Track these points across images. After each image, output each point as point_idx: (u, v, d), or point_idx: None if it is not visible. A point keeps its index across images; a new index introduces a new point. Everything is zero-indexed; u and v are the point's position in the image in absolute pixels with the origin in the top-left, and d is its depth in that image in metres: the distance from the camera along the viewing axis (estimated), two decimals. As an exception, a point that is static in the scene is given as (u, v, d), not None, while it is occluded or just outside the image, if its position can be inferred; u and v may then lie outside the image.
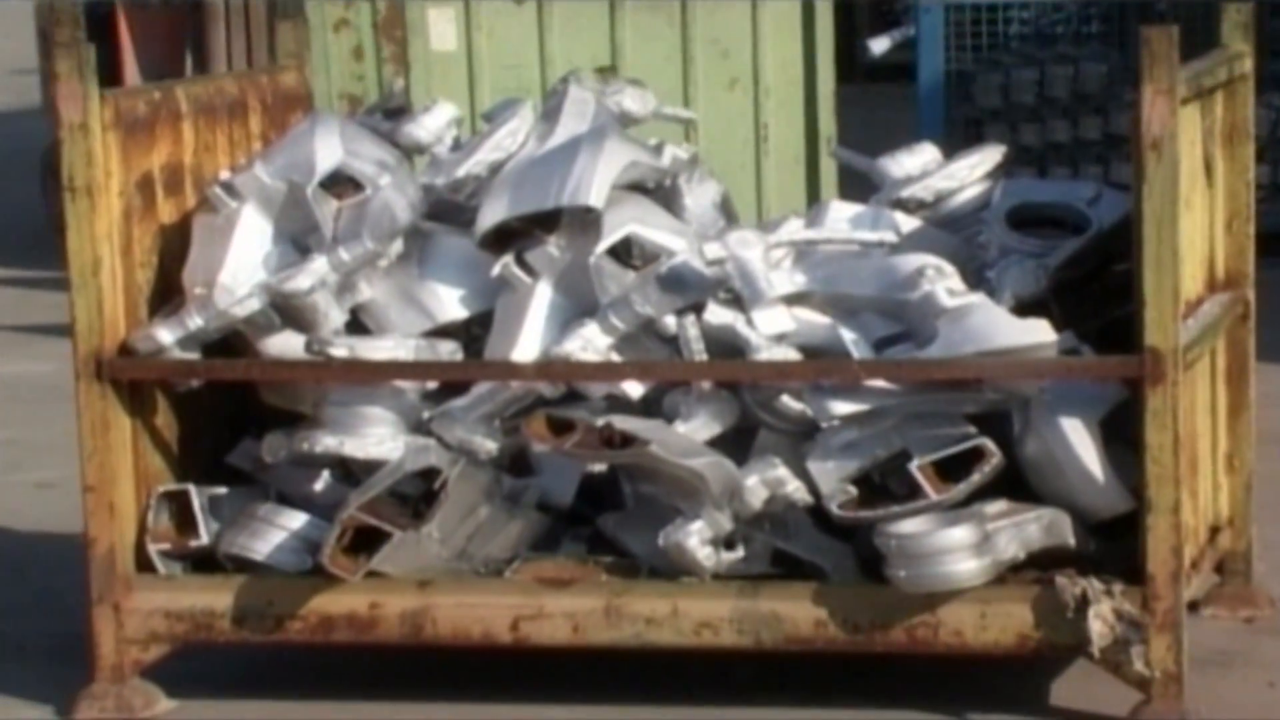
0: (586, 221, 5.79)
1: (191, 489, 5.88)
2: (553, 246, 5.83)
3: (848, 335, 5.65)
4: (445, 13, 9.34)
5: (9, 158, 14.34)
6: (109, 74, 8.06)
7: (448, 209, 6.06)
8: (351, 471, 5.78)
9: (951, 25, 11.61)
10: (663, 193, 6.04)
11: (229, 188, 6.03)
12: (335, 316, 5.82)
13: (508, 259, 5.84)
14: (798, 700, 5.70)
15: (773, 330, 5.65)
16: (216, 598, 5.77)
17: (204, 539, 5.82)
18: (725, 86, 9.27)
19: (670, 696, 5.71)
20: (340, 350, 5.77)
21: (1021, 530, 5.51)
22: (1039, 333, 5.53)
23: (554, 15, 9.35)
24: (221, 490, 5.94)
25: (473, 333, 5.88)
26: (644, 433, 5.57)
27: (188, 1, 10.17)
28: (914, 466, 5.48)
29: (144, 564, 5.81)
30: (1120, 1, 11.55)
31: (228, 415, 6.07)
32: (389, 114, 6.52)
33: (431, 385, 5.84)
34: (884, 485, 5.55)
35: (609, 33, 9.30)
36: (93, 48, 5.91)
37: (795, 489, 5.58)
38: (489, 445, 5.74)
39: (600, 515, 5.82)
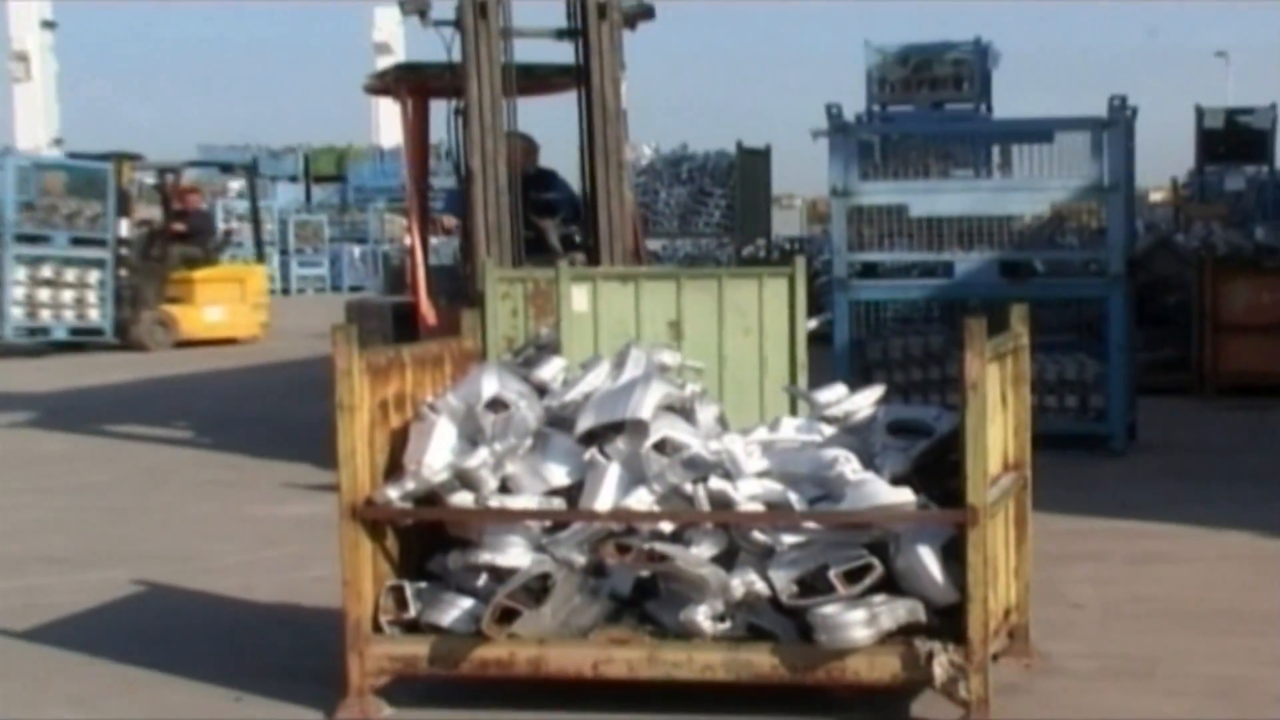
0: (640, 428, 5.75)
1: (406, 584, 5.82)
2: (620, 443, 5.79)
3: (792, 496, 5.62)
4: (582, 289, 9.52)
5: (305, 385, 14.33)
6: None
7: (559, 419, 6.02)
8: (499, 575, 5.70)
9: (853, 313, 11.63)
10: (684, 411, 6.00)
11: (432, 407, 6.03)
12: (491, 483, 5.77)
13: (593, 450, 5.82)
14: (761, 710, 5.60)
15: (748, 493, 5.63)
16: (419, 648, 5.69)
17: (412, 614, 5.75)
18: (742, 333, 9.34)
19: (685, 708, 5.61)
20: (494, 503, 5.75)
21: (894, 612, 5.43)
22: (906, 496, 5.51)
23: (644, 290, 9.49)
24: (423, 585, 5.86)
25: (572, 494, 5.81)
26: (672, 553, 5.53)
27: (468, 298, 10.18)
28: (832, 574, 5.42)
29: (377, 628, 5.74)
30: (949, 300, 11.52)
31: (428, 540, 6.00)
32: (540, 348, 6.59)
33: (547, 524, 5.77)
34: (814, 585, 5.47)
35: (676, 301, 9.41)
36: (355, 326, 5.91)
37: (761, 587, 5.53)
38: (580, 559, 5.67)
39: (646, 601, 5.72)
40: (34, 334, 21.24)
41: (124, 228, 21.90)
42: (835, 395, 6.27)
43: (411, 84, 12.00)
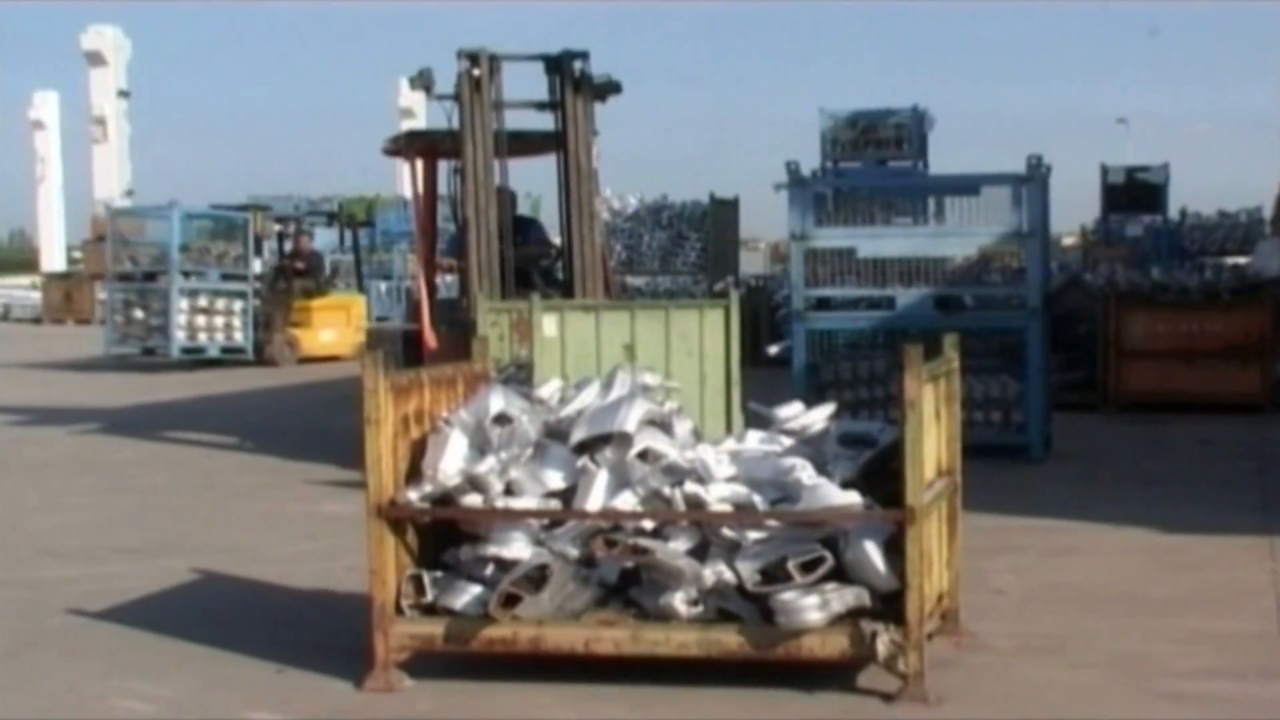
0: (625, 440, 5.75)
1: (424, 573, 5.79)
2: (609, 452, 5.78)
3: (756, 498, 5.60)
4: (551, 318, 9.74)
5: (337, 401, 14.19)
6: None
7: (556, 432, 6.00)
8: (504, 565, 5.67)
9: (809, 340, 11.63)
10: (664, 425, 5.99)
11: (447, 421, 6.01)
12: (498, 486, 5.74)
13: (585, 458, 5.80)
14: (729, 683, 5.57)
15: (718, 495, 5.61)
16: (435, 628, 5.67)
17: (429, 599, 5.72)
18: (686, 355, 9.54)
19: (664, 680, 5.58)
20: (500, 503, 5.73)
21: (843, 597, 5.42)
22: (853, 498, 5.51)
23: (603, 319, 9.68)
24: (439, 574, 5.82)
25: (567, 496, 5.79)
26: (653, 547, 5.52)
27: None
28: (790, 565, 5.40)
29: (399, 611, 5.71)
30: (891, 330, 11.50)
31: (443, 535, 5.97)
32: (519, 367, 6.59)
33: (545, 521, 5.75)
34: (774, 574, 5.45)
35: (630, 328, 9.60)
36: (382, 352, 5.87)
37: (729, 576, 5.50)
38: (574, 552, 5.66)
39: (631, 588, 5.69)
40: (192, 352, 22.25)
41: (257, 265, 23.15)
42: (793, 411, 6.27)
43: (419, 147, 12.13)
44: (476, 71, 10.85)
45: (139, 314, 22.44)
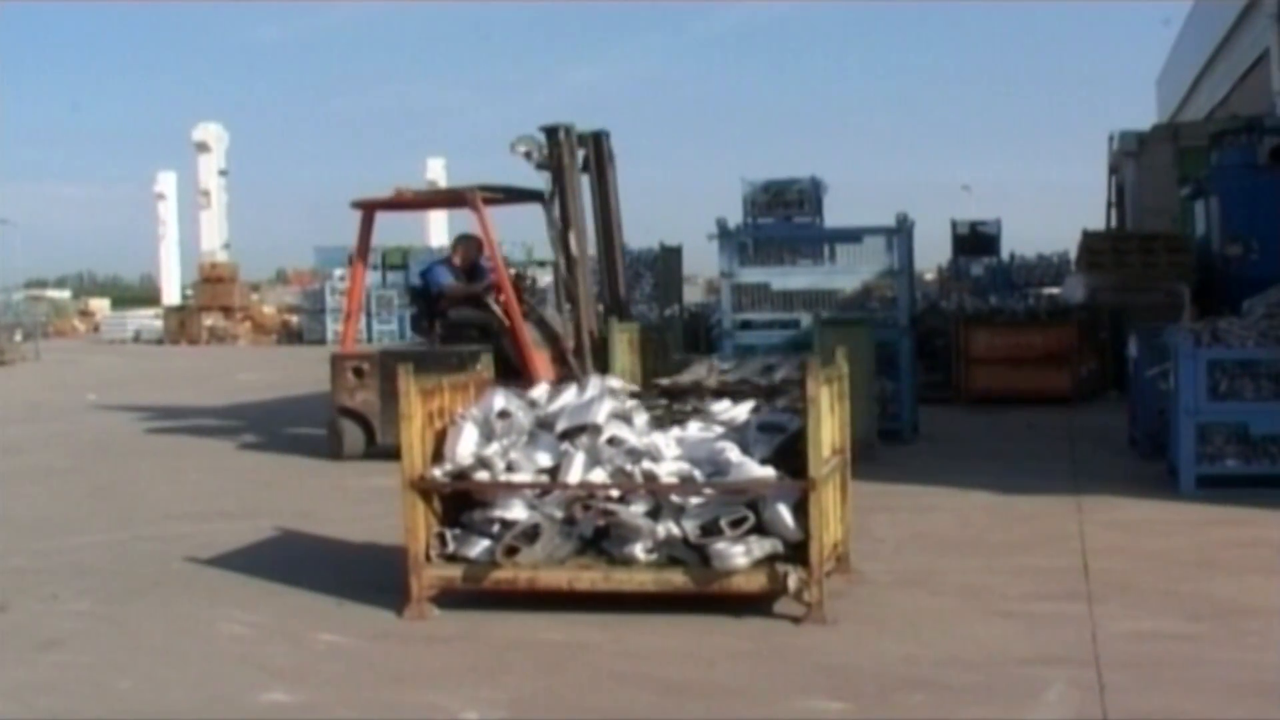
0: (597, 429, 5.70)
1: (446, 530, 5.72)
2: (585, 438, 5.72)
3: (696, 472, 5.55)
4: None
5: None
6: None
7: (544, 423, 5.93)
8: (506, 524, 5.61)
9: (735, 352, 11.53)
10: (626, 418, 5.94)
11: (462, 415, 5.93)
12: (500, 465, 5.68)
13: (567, 443, 5.74)
14: (677, 610, 5.50)
15: (668, 470, 5.56)
16: (455, 571, 5.60)
17: (451, 550, 5.65)
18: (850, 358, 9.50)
19: (628, 609, 5.50)
20: (502, 478, 5.66)
21: (763, 545, 5.38)
22: (770, 472, 5.46)
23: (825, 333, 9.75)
24: (457, 531, 5.74)
25: (553, 471, 5.71)
26: (618, 509, 5.48)
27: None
28: (722, 522, 5.36)
29: (428, 559, 5.63)
30: (797, 344, 11.45)
31: (460, 502, 5.89)
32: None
33: (537, 490, 5.68)
34: (711, 529, 5.40)
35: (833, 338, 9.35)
36: (412, 364, 5.78)
37: (677, 531, 5.46)
38: (559, 514, 5.60)
39: (603, 540, 5.63)
40: None
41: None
42: (724, 406, 6.22)
43: (376, 204, 11.50)
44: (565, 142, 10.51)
45: None
